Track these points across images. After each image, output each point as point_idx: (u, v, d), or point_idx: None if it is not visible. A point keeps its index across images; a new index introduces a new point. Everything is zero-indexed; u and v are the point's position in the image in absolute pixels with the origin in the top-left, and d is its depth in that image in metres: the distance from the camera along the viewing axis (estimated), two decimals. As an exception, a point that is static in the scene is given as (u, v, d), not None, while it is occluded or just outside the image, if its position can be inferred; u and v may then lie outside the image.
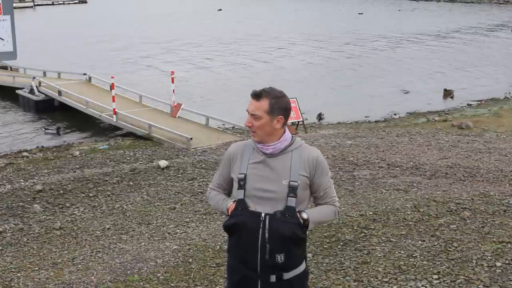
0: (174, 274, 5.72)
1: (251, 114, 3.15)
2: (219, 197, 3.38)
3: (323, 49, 29.81)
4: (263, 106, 3.12)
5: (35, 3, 67.93)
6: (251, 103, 3.16)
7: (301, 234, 3.13)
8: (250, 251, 3.13)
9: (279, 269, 3.14)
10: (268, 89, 3.17)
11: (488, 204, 7.36)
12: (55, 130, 14.47)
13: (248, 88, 3.90)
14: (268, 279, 3.15)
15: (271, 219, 3.09)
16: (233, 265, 3.28)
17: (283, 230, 3.08)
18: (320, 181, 3.20)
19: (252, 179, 3.16)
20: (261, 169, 3.17)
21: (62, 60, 25.00)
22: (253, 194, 3.15)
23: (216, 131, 13.21)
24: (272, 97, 3.14)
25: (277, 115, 3.14)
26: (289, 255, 3.13)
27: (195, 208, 7.81)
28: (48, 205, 8.12)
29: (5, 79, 19.28)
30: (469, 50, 29.55)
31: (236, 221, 3.16)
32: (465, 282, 5.27)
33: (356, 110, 16.88)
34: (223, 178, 3.36)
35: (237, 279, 3.24)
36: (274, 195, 3.12)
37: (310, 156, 3.18)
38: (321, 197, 3.25)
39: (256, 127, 3.14)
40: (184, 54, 28.70)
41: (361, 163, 9.73)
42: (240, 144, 3.35)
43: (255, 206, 3.13)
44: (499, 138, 11.90)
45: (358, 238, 6.36)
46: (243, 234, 3.15)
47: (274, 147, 3.17)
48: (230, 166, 3.30)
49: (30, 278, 5.81)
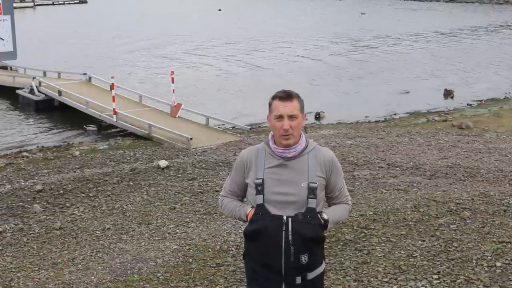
0: (174, 274, 5.72)
1: (289, 116, 3.15)
2: (234, 204, 3.36)
3: (323, 49, 29.79)
4: (297, 105, 3.19)
5: (35, 3, 67.94)
6: (284, 105, 3.16)
7: (322, 235, 3.18)
8: (274, 255, 3.13)
9: (303, 270, 3.17)
10: (288, 90, 3.24)
11: (488, 204, 7.36)
12: (95, 127, 14.35)
13: (248, 88, 3.90)
14: (294, 280, 3.17)
15: (294, 222, 3.10)
16: (255, 269, 3.25)
17: (307, 232, 3.10)
18: (336, 181, 3.26)
19: (270, 183, 3.16)
20: (278, 173, 3.17)
21: (62, 60, 25.01)
22: (272, 199, 3.15)
23: (216, 131, 13.21)
24: (298, 96, 3.23)
25: (304, 113, 3.24)
26: (312, 255, 3.17)
27: (195, 208, 7.81)
28: (48, 205, 8.12)
29: (5, 79, 19.27)
30: (470, 50, 29.54)
31: (258, 227, 3.15)
32: (465, 282, 5.27)
33: (356, 110, 16.87)
34: (236, 184, 3.35)
35: (260, 283, 3.22)
36: (294, 198, 3.14)
37: (325, 157, 3.23)
38: (336, 197, 3.31)
39: (294, 127, 3.16)
40: (184, 54, 28.70)
41: (361, 163, 9.73)
42: (252, 149, 3.33)
43: (275, 210, 3.13)
44: (499, 138, 11.90)
45: (358, 238, 6.36)
46: (266, 239, 3.14)
47: (295, 149, 3.19)
48: (243, 172, 3.29)
49: (30, 278, 5.81)
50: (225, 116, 14.31)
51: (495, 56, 27.40)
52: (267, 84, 20.08)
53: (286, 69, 24.16)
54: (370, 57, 27.20)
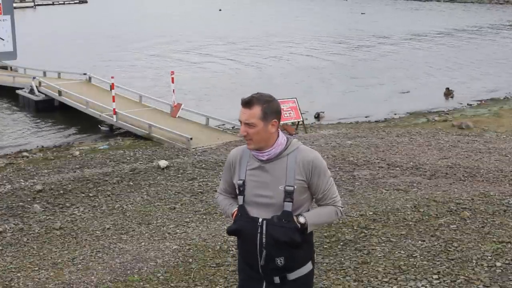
0: (174, 274, 5.72)
1: (245, 123, 3.11)
2: (226, 202, 3.42)
3: (323, 49, 29.80)
4: (256, 113, 3.10)
5: (36, 3, 67.99)
6: (243, 112, 3.13)
7: (298, 239, 3.11)
8: (251, 255, 3.19)
9: (282, 271, 3.17)
10: (256, 95, 3.14)
11: (488, 204, 7.36)
12: (108, 127, 14.33)
13: (248, 88, 3.91)
14: (272, 280, 3.20)
15: (268, 224, 3.11)
16: (240, 265, 3.37)
17: (279, 235, 3.09)
18: (317, 184, 3.18)
19: (250, 185, 3.18)
20: (258, 175, 3.18)
21: (62, 60, 25.00)
22: (251, 200, 3.18)
23: (216, 131, 13.21)
24: (263, 102, 3.11)
25: (271, 120, 3.13)
26: (291, 257, 3.15)
27: (195, 208, 7.81)
28: (48, 205, 8.12)
29: (5, 79, 19.28)
30: (470, 50, 29.55)
31: (237, 227, 3.21)
32: (465, 282, 5.27)
33: (356, 110, 16.88)
34: (227, 183, 3.39)
35: (244, 279, 3.33)
36: (271, 200, 3.13)
37: (305, 159, 3.16)
38: (321, 198, 3.24)
39: (251, 134, 3.11)
40: (184, 54, 28.70)
41: (361, 163, 9.72)
42: (239, 149, 3.34)
43: (253, 212, 3.16)
44: (499, 138, 11.90)
45: (358, 238, 6.36)
46: (243, 239, 3.22)
47: (269, 153, 3.16)
48: (231, 172, 3.32)
49: (30, 278, 5.81)
50: (225, 116, 14.31)
51: (495, 56, 27.40)
52: (267, 84, 20.08)
53: (286, 69, 24.16)
54: (370, 57, 27.21)
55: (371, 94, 19.35)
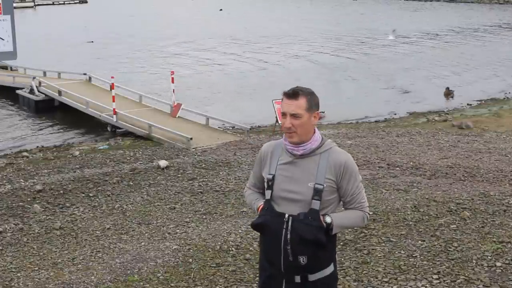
0: (174, 274, 5.71)
1: (291, 115, 3.11)
2: (253, 196, 3.40)
3: (322, 49, 29.80)
4: (302, 104, 3.11)
5: (36, 3, 68.03)
6: (288, 103, 3.12)
7: (323, 238, 3.09)
8: (274, 251, 3.14)
9: (303, 270, 3.14)
10: (298, 87, 3.17)
11: (488, 204, 7.36)
12: (113, 128, 14.27)
13: (248, 88, 3.90)
14: (293, 279, 3.16)
15: (294, 221, 3.08)
16: (262, 262, 3.32)
17: (304, 233, 3.07)
18: (347, 186, 3.17)
19: (280, 180, 3.16)
20: (288, 170, 3.16)
21: (62, 60, 25.01)
22: (279, 195, 3.16)
23: (216, 131, 13.21)
24: (307, 94, 3.15)
25: (313, 111, 3.15)
26: (314, 257, 3.12)
27: (195, 208, 7.81)
28: (48, 205, 8.12)
29: (5, 79, 19.29)
30: (470, 50, 29.55)
31: (262, 221, 3.18)
32: (465, 282, 5.27)
33: (356, 110, 16.89)
34: (256, 177, 3.38)
35: (264, 277, 3.28)
36: (299, 196, 3.12)
37: (337, 160, 3.17)
38: (348, 202, 3.22)
39: (296, 126, 3.11)
40: (184, 54, 28.71)
41: (361, 163, 9.72)
42: (272, 143, 3.33)
43: (280, 207, 3.14)
44: (499, 138, 11.90)
45: (358, 238, 6.36)
46: (268, 234, 3.17)
47: (305, 148, 3.15)
48: (261, 166, 3.31)
49: (30, 278, 5.81)
50: (225, 116, 14.31)
51: (495, 56, 27.41)
52: (267, 84, 20.10)
53: (286, 69, 24.16)
54: (370, 57, 27.21)
55: (371, 94, 19.35)
